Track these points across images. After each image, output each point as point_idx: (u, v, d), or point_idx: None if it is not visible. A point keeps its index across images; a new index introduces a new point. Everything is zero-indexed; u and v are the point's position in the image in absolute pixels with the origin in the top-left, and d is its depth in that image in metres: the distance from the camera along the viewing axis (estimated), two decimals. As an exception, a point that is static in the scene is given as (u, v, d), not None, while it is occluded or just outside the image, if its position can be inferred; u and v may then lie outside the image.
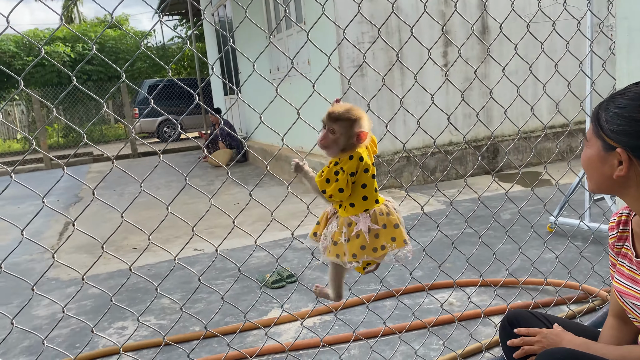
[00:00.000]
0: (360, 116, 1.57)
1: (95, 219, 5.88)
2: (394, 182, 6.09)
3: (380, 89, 2.21)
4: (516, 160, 6.49)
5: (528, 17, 5.92)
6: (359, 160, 1.55)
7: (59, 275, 4.08)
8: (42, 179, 10.07)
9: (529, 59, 6.08)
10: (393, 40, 5.90)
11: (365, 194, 1.59)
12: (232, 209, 5.66)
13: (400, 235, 1.61)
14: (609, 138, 1.25)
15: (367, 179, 1.59)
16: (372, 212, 1.60)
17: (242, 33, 9.27)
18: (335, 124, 1.56)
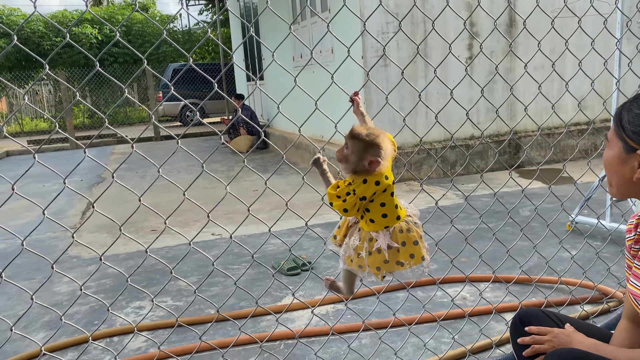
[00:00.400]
0: (377, 142, 1.54)
1: (117, 200, 5.99)
2: (413, 175, 6.06)
3: (401, 80, 2.20)
4: (538, 156, 6.40)
5: (557, 11, 5.80)
6: (375, 184, 1.55)
7: (81, 254, 4.18)
8: (67, 159, 10.27)
9: (556, 53, 5.97)
10: (418, 31, 5.84)
11: (385, 212, 1.60)
12: (251, 196, 5.71)
13: (418, 252, 1.63)
14: (630, 139, 1.23)
15: (386, 197, 1.59)
16: (393, 229, 1.61)
17: (267, 18, 9.27)
18: (350, 140, 1.56)
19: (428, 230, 4.07)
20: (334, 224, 4.44)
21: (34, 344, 2.66)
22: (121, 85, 1.42)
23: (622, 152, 1.26)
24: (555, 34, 6.02)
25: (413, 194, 5.36)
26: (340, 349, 2.41)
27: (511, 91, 2.08)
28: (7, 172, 8.48)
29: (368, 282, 3.12)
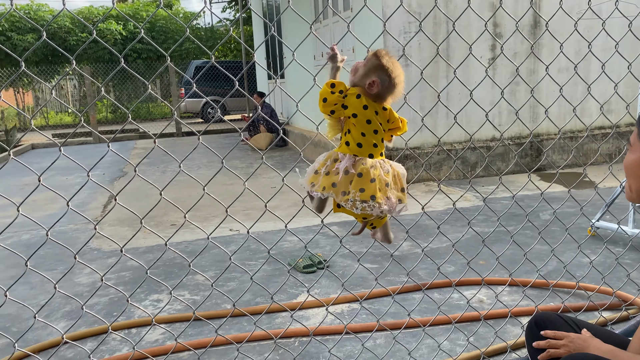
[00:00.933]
0: (389, 70, 1.59)
1: (138, 194, 6.08)
2: (433, 175, 6.03)
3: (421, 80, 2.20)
4: (560, 160, 6.31)
5: (582, 12, 5.71)
6: (363, 107, 1.59)
7: (101, 246, 4.26)
8: (90, 152, 10.45)
9: (581, 55, 5.88)
10: (441, 31, 5.81)
11: (361, 142, 1.61)
12: (269, 192, 5.74)
13: (369, 189, 1.59)
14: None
15: (368, 130, 1.61)
16: (358, 159, 1.62)
17: (289, 17, 9.29)
18: (371, 56, 1.62)
19: (446, 232, 4.06)
20: (350, 222, 4.45)
21: (54, 332, 2.72)
22: (144, 82, 1.45)
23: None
24: (580, 37, 5.92)
25: (432, 194, 5.33)
26: (355, 348, 2.42)
27: (532, 94, 2.06)
28: (33, 165, 8.67)
29: (385, 282, 3.12)
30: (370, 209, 1.59)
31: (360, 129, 1.60)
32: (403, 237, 4.01)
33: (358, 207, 1.59)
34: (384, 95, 1.62)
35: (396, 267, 3.37)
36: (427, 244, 2.53)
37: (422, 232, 4.17)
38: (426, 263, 3.45)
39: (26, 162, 9.44)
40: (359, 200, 1.58)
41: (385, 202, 1.60)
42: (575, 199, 2.43)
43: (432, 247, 3.82)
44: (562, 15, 5.69)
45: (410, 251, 3.77)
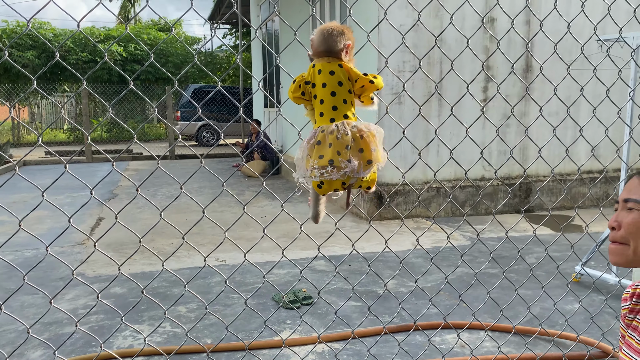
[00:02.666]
0: (318, 28, 1.66)
1: (126, 218, 6.05)
2: (421, 212, 6.06)
3: (416, 117, 2.24)
4: (549, 201, 6.36)
5: (574, 58, 5.84)
6: (317, 72, 1.61)
7: (85, 271, 4.22)
8: (83, 172, 10.42)
9: (572, 100, 5.99)
10: (434, 71, 5.92)
11: (322, 110, 1.62)
12: (259, 221, 5.73)
13: (327, 154, 1.59)
14: None
15: (324, 94, 1.61)
16: (319, 128, 1.63)
17: (288, 47, 9.43)
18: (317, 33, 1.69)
19: (432, 271, 4.06)
20: (338, 257, 4.45)
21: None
22: (151, 105, 1.46)
23: None
24: (571, 81, 6.05)
25: (420, 231, 5.35)
26: (334, 390, 2.39)
27: (526, 133, 2.10)
28: (22, 182, 8.62)
29: (369, 321, 3.11)
30: (329, 175, 1.59)
31: (319, 97, 1.62)
32: (390, 276, 4.01)
33: (316, 175, 1.60)
34: (325, 48, 1.63)
35: (380, 307, 3.36)
36: (322, 170, 2.53)
37: (408, 271, 4.17)
38: (410, 303, 3.44)
39: (17, 178, 9.39)
40: (317, 168, 1.59)
41: (344, 164, 1.58)
42: (570, 241, 2.45)
43: (418, 286, 3.81)
44: (554, 60, 5.83)
45: (395, 290, 3.76)
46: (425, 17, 5.82)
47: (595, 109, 2.47)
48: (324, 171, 1.57)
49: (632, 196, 1.22)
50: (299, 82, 1.64)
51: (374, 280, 3.88)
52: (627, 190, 1.26)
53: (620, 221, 1.22)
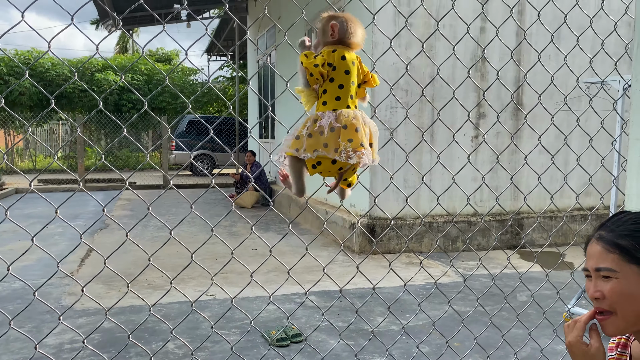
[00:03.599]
0: (336, 15, 1.67)
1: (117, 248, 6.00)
2: (413, 247, 6.06)
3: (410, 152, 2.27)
4: (540, 238, 6.39)
5: (563, 99, 5.96)
6: (341, 58, 1.62)
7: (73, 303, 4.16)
8: (75, 200, 10.38)
9: (562, 137, 6.08)
10: (426, 108, 6.01)
11: (340, 95, 1.64)
12: (250, 255, 5.71)
13: (357, 138, 1.60)
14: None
15: (346, 81, 1.63)
16: (339, 112, 1.63)
17: (282, 79, 9.57)
18: (319, 24, 1.70)
19: (424, 309, 4.04)
20: (330, 292, 4.43)
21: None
22: (167, 126, 1.48)
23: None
24: (561, 119, 6.16)
25: (413, 266, 5.34)
26: None
27: (511, 180, 2.13)
28: (14, 211, 8.57)
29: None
30: (362, 157, 1.60)
31: (338, 81, 1.63)
32: (382, 313, 3.99)
33: (352, 157, 1.59)
34: (347, 36, 1.66)
35: (371, 345, 3.33)
36: (354, 154, 2.52)
37: (399, 308, 4.15)
38: (401, 342, 3.42)
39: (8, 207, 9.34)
40: (351, 150, 1.59)
41: (366, 152, 1.62)
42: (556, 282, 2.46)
43: (409, 324, 3.79)
44: (543, 99, 5.93)
45: (387, 327, 3.73)
46: (417, 56, 5.95)
47: (578, 157, 2.52)
48: (359, 153, 1.59)
49: (602, 265, 1.21)
50: (324, 61, 1.63)
51: (365, 316, 3.85)
52: (593, 259, 1.23)
53: (602, 290, 1.20)
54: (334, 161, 1.63)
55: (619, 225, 1.23)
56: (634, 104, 1.46)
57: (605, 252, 1.20)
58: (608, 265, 1.19)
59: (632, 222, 1.22)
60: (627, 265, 1.18)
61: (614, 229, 1.23)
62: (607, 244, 1.21)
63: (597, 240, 1.24)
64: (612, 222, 1.26)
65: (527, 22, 6.32)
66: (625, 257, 1.18)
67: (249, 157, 10.34)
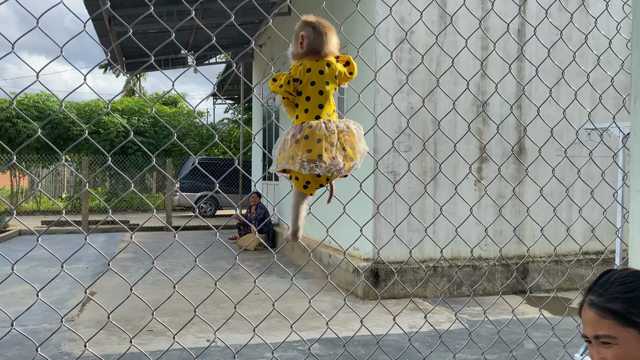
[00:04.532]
0: (308, 21, 1.68)
1: (118, 292, 5.95)
2: (418, 292, 5.99)
3: (413, 204, 2.28)
4: (546, 283, 6.31)
5: (568, 141, 6.00)
6: (306, 71, 1.63)
7: (73, 350, 4.10)
8: (78, 243, 10.36)
9: (565, 180, 6.09)
10: (430, 149, 6.06)
11: (307, 107, 1.64)
12: (253, 300, 5.64)
13: (316, 149, 1.60)
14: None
15: (312, 92, 1.64)
16: (304, 124, 1.64)
17: (286, 121, 9.69)
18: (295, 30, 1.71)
19: (430, 357, 3.95)
20: (334, 340, 4.35)
21: None
22: (170, 179, 1.49)
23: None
24: (564, 163, 6.18)
25: (418, 312, 5.25)
26: None
27: (514, 232, 2.13)
28: (17, 253, 8.55)
29: None
30: (318, 169, 1.61)
31: (305, 94, 1.65)
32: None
33: (306, 168, 1.61)
34: (318, 47, 1.66)
35: (375, 395, 3.25)
36: (313, 164, 2.47)
37: (405, 357, 4.06)
38: (406, 392, 3.33)
39: (11, 249, 9.33)
40: (306, 161, 1.60)
41: (331, 161, 1.61)
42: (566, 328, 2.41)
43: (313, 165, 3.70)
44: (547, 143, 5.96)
45: (391, 376, 3.64)
46: (419, 100, 6.04)
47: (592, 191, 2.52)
48: (313, 165, 1.61)
49: (599, 332, 1.18)
50: (289, 78, 1.66)
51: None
52: (590, 326, 1.21)
53: (605, 357, 1.17)
54: (318, 175, 1.66)
55: (607, 287, 1.20)
56: (633, 156, 1.48)
57: (600, 318, 1.18)
58: (605, 332, 1.16)
59: (619, 283, 1.19)
60: (624, 330, 1.15)
61: (603, 293, 1.19)
62: (599, 310, 1.18)
63: (589, 307, 1.21)
64: (599, 285, 1.22)
65: (527, 68, 6.45)
66: (621, 322, 1.15)
67: (255, 198, 10.37)
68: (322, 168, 1.62)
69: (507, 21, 6.21)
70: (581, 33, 4.01)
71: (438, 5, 6.05)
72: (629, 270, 1.25)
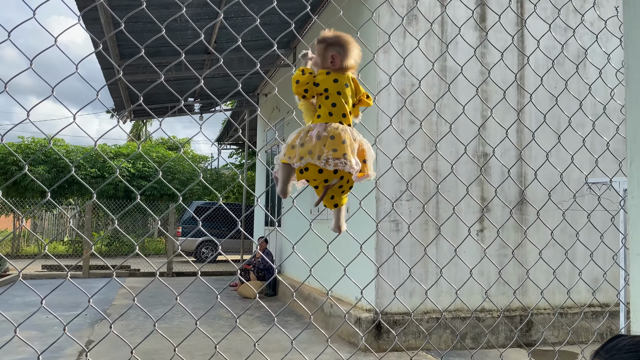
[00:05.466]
0: (336, 41, 1.81)
1: (117, 341, 5.86)
2: (421, 343, 5.88)
3: (411, 244, 2.29)
4: (551, 336, 6.19)
5: (567, 199, 6.03)
6: (334, 81, 1.77)
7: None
8: (77, 288, 10.26)
9: (567, 232, 6.08)
10: (430, 201, 6.08)
11: (332, 111, 1.77)
12: (253, 351, 5.54)
13: (342, 149, 1.71)
14: None
15: (338, 100, 1.77)
16: (329, 124, 1.75)
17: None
18: (317, 45, 1.83)
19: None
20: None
21: None
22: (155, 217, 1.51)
23: None
24: (568, 213, 6.18)
25: (419, 365, 5.14)
26: None
27: (514, 295, 2.13)
28: (16, 298, 8.48)
29: None
30: (342, 165, 1.70)
31: (331, 100, 1.77)
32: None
33: (331, 164, 1.70)
34: (346, 63, 1.80)
35: None
36: (337, 161, 2.50)
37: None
38: None
39: (9, 294, 9.25)
40: (331, 158, 1.70)
41: (350, 162, 1.72)
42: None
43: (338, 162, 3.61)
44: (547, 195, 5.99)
45: None
46: (419, 151, 6.12)
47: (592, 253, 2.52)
48: (338, 161, 1.71)
49: None
50: (308, 80, 1.79)
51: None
52: None
53: None
54: (320, 170, 1.74)
55: (614, 354, 1.20)
56: (632, 219, 1.50)
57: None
58: None
59: (626, 350, 1.18)
60: None
61: (609, 359, 1.19)
62: None
63: None
64: (606, 350, 1.21)
65: (527, 120, 6.55)
66: None
67: (262, 244, 10.34)
68: (347, 166, 1.73)
69: (507, 76, 6.38)
70: (582, 83, 4.11)
71: (439, 58, 6.23)
72: (638, 338, 1.25)
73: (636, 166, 1.45)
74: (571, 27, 6.46)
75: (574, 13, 6.68)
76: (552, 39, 6.43)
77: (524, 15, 6.63)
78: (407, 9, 6.28)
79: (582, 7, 6.85)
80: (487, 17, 6.61)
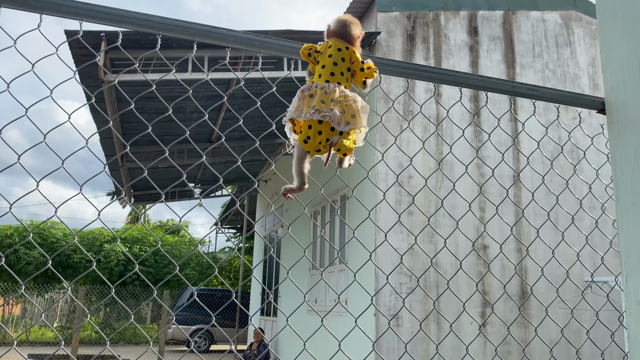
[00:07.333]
0: (335, 19, 1.94)
1: None
2: None
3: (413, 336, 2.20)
4: None
5: (569, 290, 5.94)
6: (328, 47, 1.88)
7: None
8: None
9: (570, 323, 5.93)
10: (431, 294, 5.98)
11: (321, 73, 1.84)
12: None
13: (318, 104, 1.75)
14: None
15: (328, 63, 1.86)
16: (313, 83, 1.82)
17: (287, 258, 9.67)
18: None
19: None
20: None
21: None
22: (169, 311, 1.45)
23: None
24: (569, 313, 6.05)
25: None
26: None
27: None
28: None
29: None
30: (314, 115, 1.74)
31: (322, 63, 1.87)
32: None
33: (306, 115, 1.76)
34: (339, 32, 1.91)
35: None
36: (321, 113, 2.43)
37: None
38: None
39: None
40: (305, 111, 1.77)
41: (327, 111, 1.75)
42: None
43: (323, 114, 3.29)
44: (549, 287, 5.94)
45: None
46: (419, 242, 6.10)
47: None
48: (311, 112, 1.76)
49: None
50: (311, 45, 1.92)
51: None
52: None
53: None
54: (320, 132, 1.79)
55: None
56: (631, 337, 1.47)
57: None
58: None
59: None
60: None
61: None
62: None
63: None
64: None
65: (524, 198, 6.60)
66: None
67: (257, 334, 10.00)
68: (318, 114, 1.78)
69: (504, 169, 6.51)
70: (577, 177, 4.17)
71: (436, 148, 6.39)
72: None
73: (632, 283, 1.44)
74: (566, 129, 6.69)
75: (566, 108, 6.95)
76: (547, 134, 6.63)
77: (517, 112, 6.88)
78: (403, 106, 6.53)
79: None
80: (482, 112, 6.87)
